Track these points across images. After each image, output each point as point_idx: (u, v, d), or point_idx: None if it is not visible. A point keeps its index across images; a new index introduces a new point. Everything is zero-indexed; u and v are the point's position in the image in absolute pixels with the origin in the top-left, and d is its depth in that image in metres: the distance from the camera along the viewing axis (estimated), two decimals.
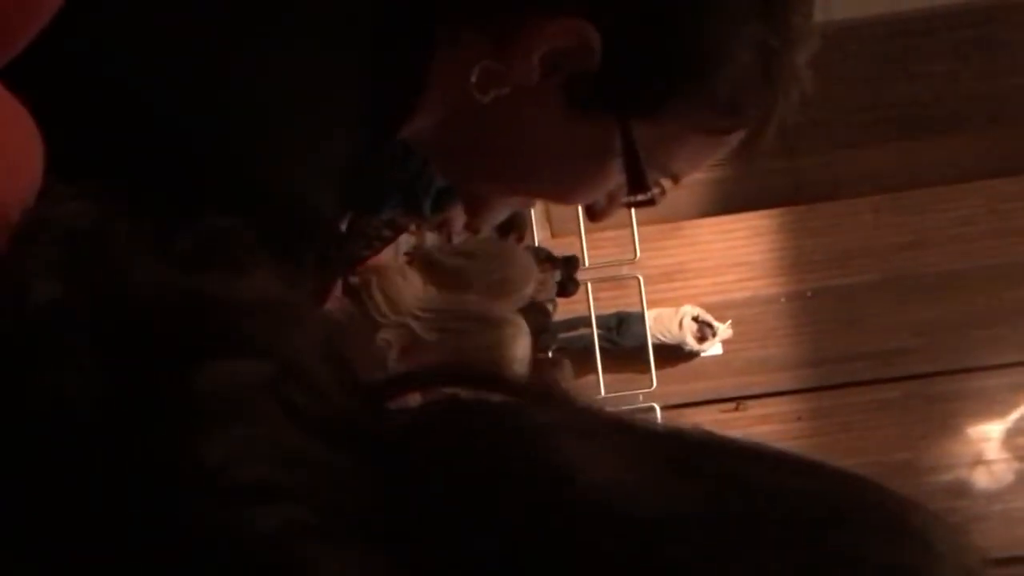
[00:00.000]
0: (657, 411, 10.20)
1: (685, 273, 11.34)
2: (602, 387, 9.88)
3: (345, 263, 2.57)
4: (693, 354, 11.08)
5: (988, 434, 11.18)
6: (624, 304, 10.71)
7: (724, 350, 11.21)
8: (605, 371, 9.94)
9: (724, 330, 11.03)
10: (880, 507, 0.52)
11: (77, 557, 0.45)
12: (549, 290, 8.80)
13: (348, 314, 2.44)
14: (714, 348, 11.13)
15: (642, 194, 1.16)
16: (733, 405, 11.25)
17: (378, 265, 2.62)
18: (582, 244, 9.48)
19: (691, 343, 10.94)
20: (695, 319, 10.97)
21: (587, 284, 9.85)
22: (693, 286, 11.31)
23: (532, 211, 8.12)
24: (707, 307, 11.09)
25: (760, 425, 11.13)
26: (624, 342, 10.63)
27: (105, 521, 0.45)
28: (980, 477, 11.16)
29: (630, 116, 1.11)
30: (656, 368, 10.28)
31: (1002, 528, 10.44)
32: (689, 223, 11.13)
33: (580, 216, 9.37)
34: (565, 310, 9.68)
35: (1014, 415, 11.16)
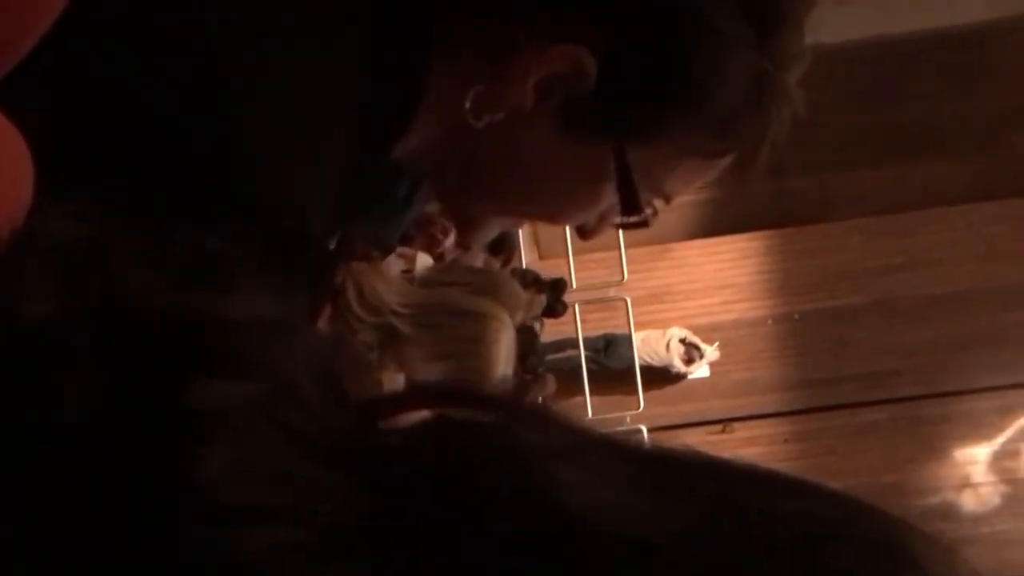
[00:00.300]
0: (644, 433, 10.18)
1: (673, 295, 11.34)
2: (589, 409, 9.86)
3: (333, 281, 2.56)
4: (680, 376, 11.06)
5: (975, 457, 11.18)
6: (612, 326, 10.70)
7: (711, 372, 11.20)
8: (592, 393, 9.93)
9: (711, 352, 11.03)
10: (874, 527, 0.52)
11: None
12: (536, 311, 8.79)
13: (341, 333, 2.43)
14: (701, 370, 11.13)
15: (635, 216, 1.16)
16: (720, 427, 11.24)
17: (352, 266, 2.60)
18: (570, 266, 9.47)
19: (678, 365, 10.93)
20: (682, 341, 10.96)
21: (575, 306, 9.84)
22: (680, 308, 11.30)
23: (520, 232, 8.12)
24: (694, 329, 11.09)
25: (747, 447, 11.11)
26: (612, 364, 10.62)
27: (98, 540, 0.45)
28: (967, 500, 11.15)
29: (624, 139, 1.11)
30: (643, 390, 10.26)
31: (989, 551, 10.42)
32: (677, 245, 11.13)
33: (568, 238, 9.38)
34: (553, 331, 9.66)
35: (1001, 438, 11.16)
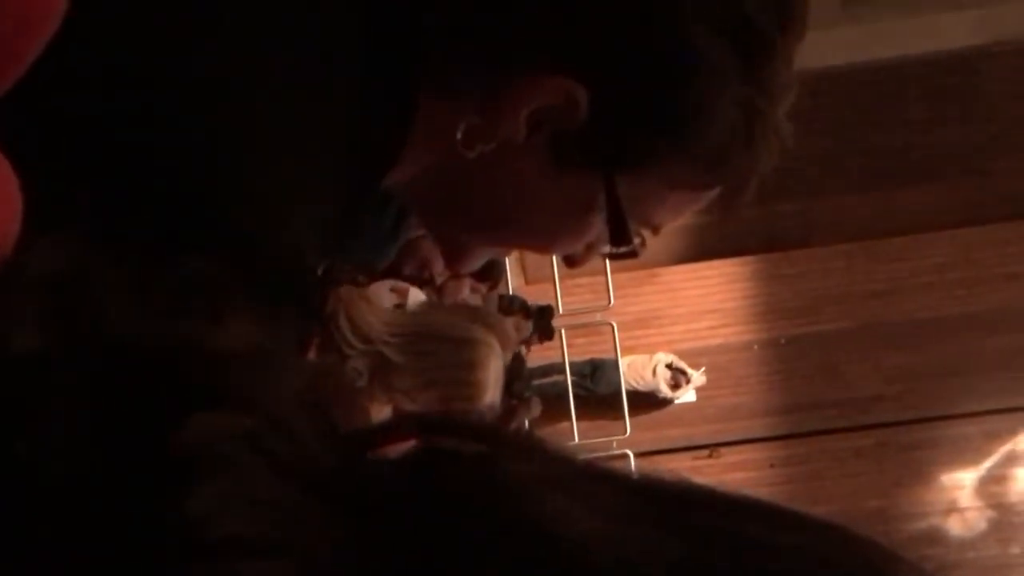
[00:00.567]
0: (631, 458, 10.18)
1: (659, 320, 11.35)
2: (576, 434, 9.86)
3: (323, 309, 2.56)
4: (667, 401, 11.07)
5: (961, 482, 11.19)
6: (598, 351, 10.71)
7: (698, 397, 11.21)
8: (579, 418, 9.93)
9: (697, 377, 11.03)
10: (867, 560, 0.51)
11: None
12: (524, 335, 8.79)
13: (331, 364, 2.42)
14: (688, 395, 11.13)
15: (624, 246, 1.16)
16: (707, 452, 11.24)
17: (342, 294, 2.60)
18: (556, 291, 9.48)
19: (665, 390, 10.93)
20: (668, 366, 10.97)
21: (561, 331, 9.85)
22: (667, 333, 11.32)
23: (507, 258, 8.13)
24: (681, 354, 11.10)
25: (734, 472, 11.12)
26: (598, 389, 10.62)
27: (87, 573, 0.45)
28: (953, 525, 11.16)
29: (614, 172, 1.11)
30: (630, 415, 10.27)
31: None
32: (663, 270, 11.15)
33: (554, 263, 9.39)
34: (539, 357, 9.66)
35: (987, 463, 11.18)
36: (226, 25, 0.97)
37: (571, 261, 1.26)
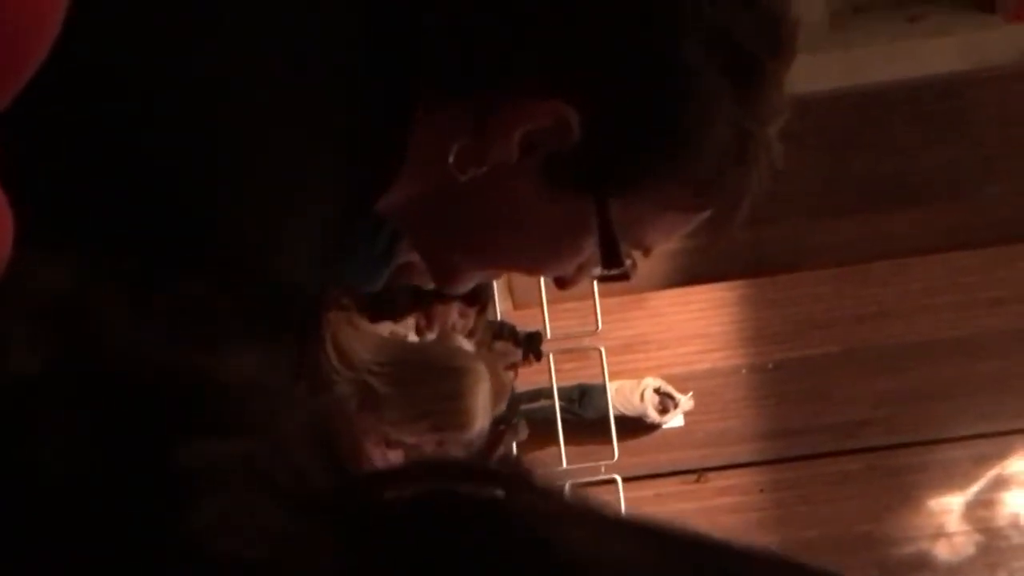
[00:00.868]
0: (619, 482, 10.17)
1: (647, 344, 11.35)
2: (564, 459, 9.85)
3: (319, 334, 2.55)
4: (655, 426, 11.06)
5: (950, 506, 11.18)
6: (586, 375, 10.71)
7: (686, 422, 11.20)
8: (567, 443, 9.92)
9: (686, 402, 11.02)
10: None
11: None
12: (512, 360, 8.78)
13: (339, 396, 2.40)
14: (676, 420, 11.12)
15: (616, 269, 1.17)
16: (695, 477, 11.23)
17: (330, 319, 2.59)
18: (544, 316, 9.49)
19: (653, 415, 10.92)
20: (657, 391, 10.96)
21: (549, 355, 9.85)
22: (655, 358, 11.31)
23: (495, 283, 8.14)
24: (669, 379, 11.09)
25: (722, 497, 11.11)
26: (586, 414, 10.61)
27: None
28: (942, 550, 11.15)
29: (607, 195, 1.11)
30: (618, 440, 10.27)
31: None
32: (651, 295, 11.15)
33: (542, 287, 9.40)
34: (527, 381, 9.66)
35: (976, 487, 11.18)
36: (226, 25, 0.97)
37: (562, 283, 1.26)
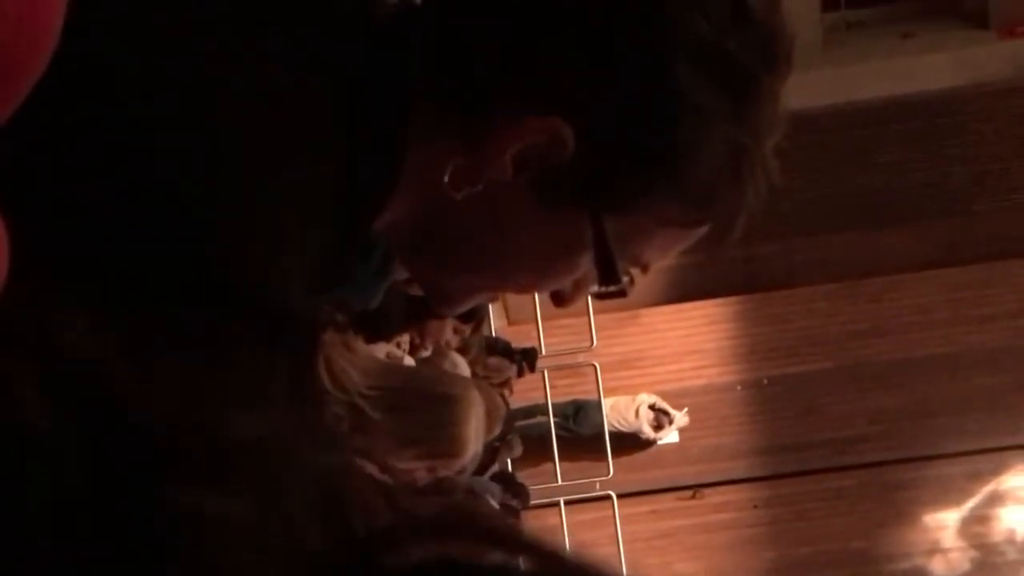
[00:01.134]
0: (614, 499, 10.17)
1: (641, 361, 11.34)
2: (559, 475, 9.84)
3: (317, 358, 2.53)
4: (650, 442, 11.05)
5: (944, 522, 11.18)
6: (581, 392, 10.70)
7: (680, 438, 11.19)
8: (562, 459, 9.92)
9: (680, 418, 11.02)
10: None
11: None
12: (506, 376, 8.78)
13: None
14: (671, 436, 11.11)
15: (613, 285, 1.16)
16: (690, 493, 11.22)
17: (323, 338, 2.57)
18: (539, 332, 9.49)
19: (647, 431, 10.91)
20: (651, 407, 10.96)
21: (544, 372, 9.84)
22: (649, 374, 11.31)
23: None
24: (663, 395, 11.09)
25: (717, 513, 11.10)
26: (581, 430, 10.60)
27: None
28: (937, 565, 11.15)
29: (602, 211, 1.11)
30: (613, 456, 10.27)
31: None
32: (645, 311, 11.15)
33: (537, 304, 9.39)
34: (522, 398, 9.66)
35: (970, 503, 11.18)
36: (226, 25, 0.97)
37: (559, 298, 1.25)
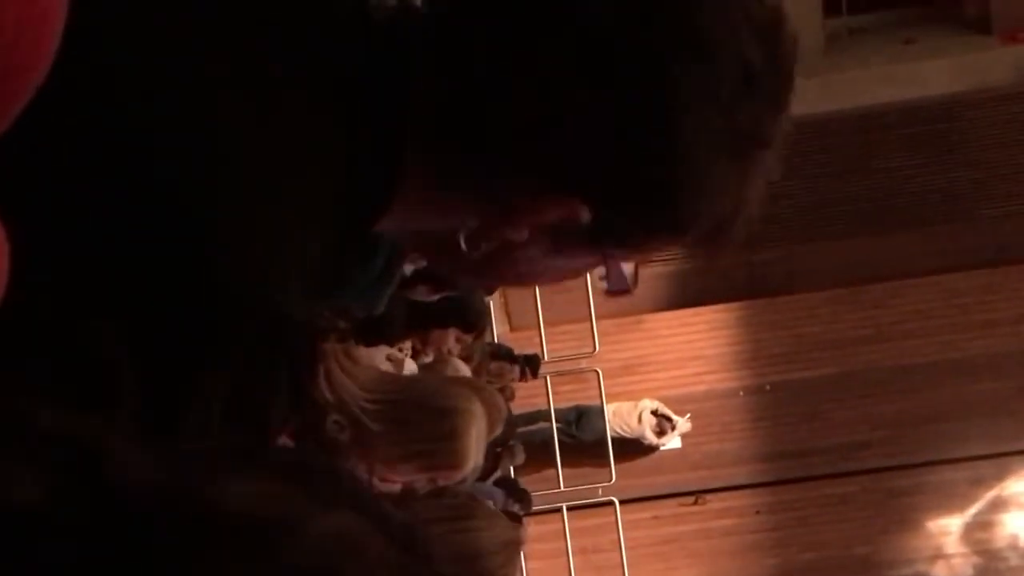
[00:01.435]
0: (617, 505, 10.16)
1: (644, 367, 11.33)
2: (561, 481, 9.84)
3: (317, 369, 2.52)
4: (652, 448, 11.04)
5: (947, 528, 11.17)
6: (583, 397, 10.70)
7: (683, 444, 11.19)
8: (564, 465, 9.92)
9: (683, 424, 11.01)
10: None
11: None
12: (508, 380, 8.77)
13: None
14: (673, 442, 11.11)
15: (620, 287, 1.19)
16: (692, 499, 11.22)
17: (324, 348, 2.55)
18: (541, 338, 9.48)
19: (650, 437, 10.91)
20: (654, 413, 10.95)
21: (546, 378, 9.84)
22: (652, 379, 11.30)
23: (491, 305, 8.14)
24: (666, 401, 11.08)
25: (719, 519, 11.10)
26: (583, 436, 10.60)
27: None
28: (939, 571, 11.14)
29: (611, 249, 1.14)
30: (615, 462, 10.26)
31: None
32: (648, 317, 11.14)
33: (539, 310, 9.40)
34: (524, 404, 9.65)
35: (973, 509, 11.17)
36: (226, 25, 0.98)
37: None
